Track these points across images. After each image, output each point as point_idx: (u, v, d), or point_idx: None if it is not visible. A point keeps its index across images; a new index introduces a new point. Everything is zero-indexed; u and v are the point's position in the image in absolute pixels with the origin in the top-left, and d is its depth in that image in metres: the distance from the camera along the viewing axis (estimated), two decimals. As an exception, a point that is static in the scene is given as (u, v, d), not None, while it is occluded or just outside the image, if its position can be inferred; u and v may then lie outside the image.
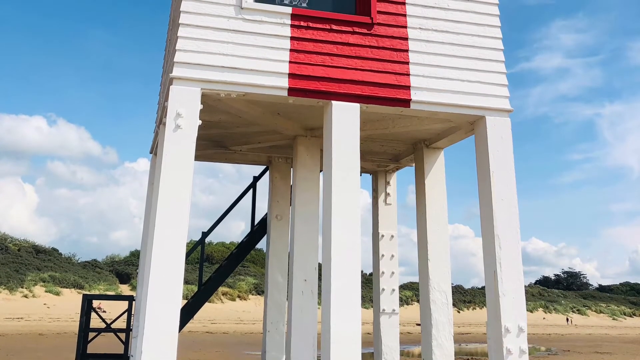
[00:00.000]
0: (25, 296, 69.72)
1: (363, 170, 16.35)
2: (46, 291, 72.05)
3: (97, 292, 71.15)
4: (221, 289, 77.50)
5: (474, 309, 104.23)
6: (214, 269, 17.56)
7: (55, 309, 66.69)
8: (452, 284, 13.93)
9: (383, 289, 15.78)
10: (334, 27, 11.16)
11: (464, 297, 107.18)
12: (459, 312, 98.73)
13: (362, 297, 10.62)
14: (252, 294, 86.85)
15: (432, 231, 13.72)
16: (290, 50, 10.84)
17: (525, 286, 11.50)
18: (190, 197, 9.95)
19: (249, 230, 16.73)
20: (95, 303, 18.12)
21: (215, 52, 10.49)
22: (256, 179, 17.01)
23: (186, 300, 15.12)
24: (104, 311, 22.19)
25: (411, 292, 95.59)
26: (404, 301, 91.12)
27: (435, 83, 11.35)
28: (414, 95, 11.18)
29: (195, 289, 18.14)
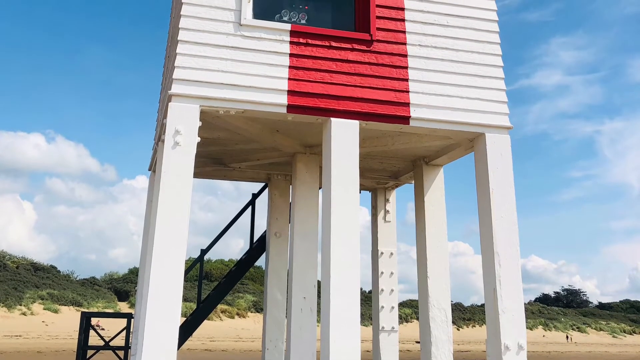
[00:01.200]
0: (24, 314, 69.47)
1: (362, 187, 16.33)
2: (44, 309, 71.79)
3: (95, 310, 70.89)
4: (220, 306, 77.24)
5: (474, 326, 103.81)
6: (213, 286, 17.51)
7: (54, 326, 66.45)
8: (451, 301, 13.89)
9: (382, 307, 15.75)
10: (333, 44, 11.15)
11: (464, 314, 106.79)
12: (458, 329, 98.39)
13: (362, 315, 10.59)
14: (251, 312, 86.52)
15: (431, 248, 13.68)
16: (289, 67, 10.83)
17: (525, 304, 11.46)
18: (189, 215, 9.91)
19: (248, 247, 16.71)
20: (94, 321, 18.10)
21: (214, 69, 10.48)
22: (255, 196, 17.00)
23: (185, 318, 15.07)
24: (103, 329, 22.21)
25: (411, 310, 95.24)
26: (403, 319, 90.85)
27: (434, 100, 11.34)
28: (414, 112, 11.17)
29: (194, 306, 18.08)
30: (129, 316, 16.42)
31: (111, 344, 16.67)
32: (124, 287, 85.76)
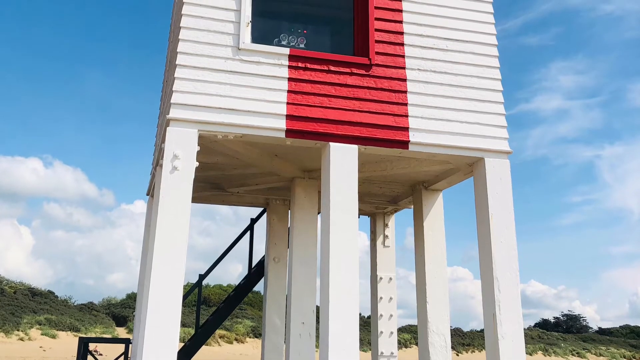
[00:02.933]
0: (21, 339, 69.21)
1: (361, 212, 16.29)
2: (42, 334, 71.51)
3: (93, 335, 70.66)
4: (218, 331, 76.89)
5: (473, 352, 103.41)
6: (211, 311, 17.42)
7: (52, 352, 66.21)
8: (450, 326, 13.83)
9: (381, 332, 15.68)
10: (332, 68, 11.14)
11: (463, 340, 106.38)
12: (457, 355, 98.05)
13: (361, 340, 10.52)
14: (250, 337, 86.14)
15: (430, 273, 13.63)
16: (288, 91, 10.81)
17: (524, 329, 11.40)
18: (187, 240, 9.86)
19: (246, 272, 16.66)
20: (92, 346, 18.00)
21: (213, 94, 10.45)
22: (254, 221, 16.95)
23: (183, 343, 14.99)
24: (101, 354, 22.09)
25: (410, 335, 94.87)
26: (402, 344, 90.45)
27: (433, 124, 11.32)
28: (413, 137, 11.15)
29: (192, 331, 17.99)
30: (126, 341, 16.34)
31: (108, 369, 16.59)
32: (122, 313, 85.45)
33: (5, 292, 79.92)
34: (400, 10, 11.83)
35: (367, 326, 43.64)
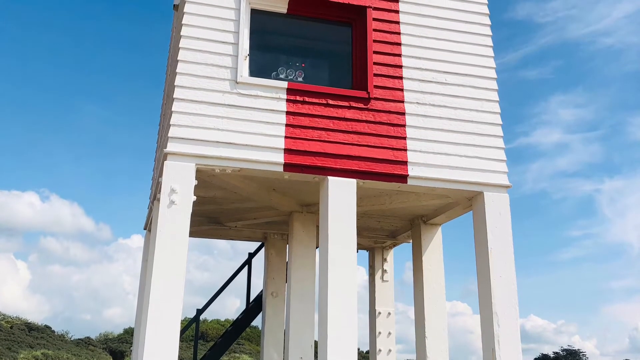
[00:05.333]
0: (18, 374, 68.95)
1: (360, 246, 16.24)
2: (39, 369, 71.28)
3: (90, 370, 70.39)
4: (216, 366, 76.58)
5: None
6: (209, 346, 17.32)
7: (48, 387, 65.91)
8: (450, 362, 13.73)
9: (380, 367, 15.56)
10: (330, 101, 11.11)
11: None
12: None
13: (359, 376, 10.43)
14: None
15: (429, 308, 13.55)
16: (286, 125, 10.78)
17: (524, 364, 11.30)
18: (184, 274, 9.80)
19: (244, 307, 16.58)
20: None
21: (210, 127, 10.42)
22: (251, 255, 16.89)
23: (180, 379, 14.88)
24: (97, 390, 21.92)
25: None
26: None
27: (432, 158, 11.28)
28: (411, 171, 11.11)
29: (190, 367, 17.87)
30: (123, 377, 16.27)
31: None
32: (119, 347, 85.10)
33: (1, 327, 79.56)
34: (399, 44, 11.83)
35: (366, 361, 43.36)
